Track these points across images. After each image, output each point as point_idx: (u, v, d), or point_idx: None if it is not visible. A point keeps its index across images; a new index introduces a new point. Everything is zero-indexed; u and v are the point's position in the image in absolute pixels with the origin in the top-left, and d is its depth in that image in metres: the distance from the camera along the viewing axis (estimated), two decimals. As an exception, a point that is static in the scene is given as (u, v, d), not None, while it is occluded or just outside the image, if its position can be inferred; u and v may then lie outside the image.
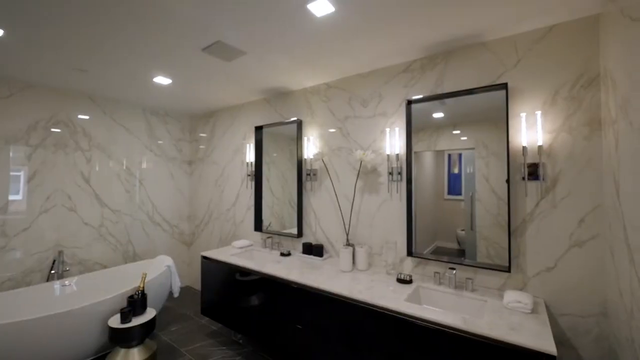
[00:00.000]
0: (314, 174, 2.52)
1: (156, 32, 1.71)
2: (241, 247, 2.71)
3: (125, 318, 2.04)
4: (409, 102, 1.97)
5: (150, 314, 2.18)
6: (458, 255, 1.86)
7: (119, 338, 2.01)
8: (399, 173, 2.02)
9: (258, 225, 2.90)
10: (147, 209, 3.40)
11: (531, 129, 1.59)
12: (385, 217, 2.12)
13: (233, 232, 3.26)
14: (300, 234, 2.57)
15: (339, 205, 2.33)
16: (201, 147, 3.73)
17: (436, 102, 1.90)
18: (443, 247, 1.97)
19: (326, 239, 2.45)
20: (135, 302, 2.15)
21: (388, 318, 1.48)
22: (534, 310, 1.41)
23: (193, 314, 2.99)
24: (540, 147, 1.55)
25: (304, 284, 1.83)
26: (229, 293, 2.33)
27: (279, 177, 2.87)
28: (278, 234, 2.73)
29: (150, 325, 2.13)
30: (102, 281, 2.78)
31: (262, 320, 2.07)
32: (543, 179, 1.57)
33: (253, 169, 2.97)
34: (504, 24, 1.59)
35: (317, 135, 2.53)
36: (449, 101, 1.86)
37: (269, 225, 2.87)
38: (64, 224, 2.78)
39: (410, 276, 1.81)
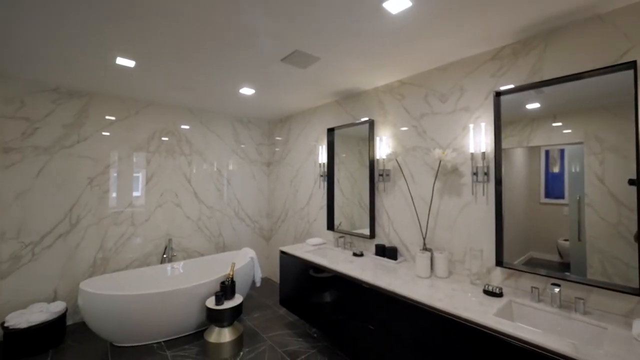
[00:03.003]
0: (387, 175, 2.46)
1: (244, 49, 1.92)
2: (315, 245, 2.83)
3: (219, 300, 2.35)
4: (498, 94, 1.77)
5: (238, 299, 2.46)
6: (559, 269, 1.58)
7: (214, 317, 2.32)
8: (485, 173, 1.83)
9: (330, 225, 2.98)
10: (233, 205, 3.84)
11: (674, 117, 1.25)
12: (468, 221, 1.94)
13: (307, 230, 3.42)
14: (372, 235, 2.54)
15: (415, 207, 2.23)
16: (277, 149, 4.02)
17: (531, 92, 1.66)
18: (538, 258, 1.70)
19: (400, 241, 2.37)
20: (226, 288, 2.44)
21: (472, 332, 1.36)
22: (679, 348, 1.11)
23: (272, 303, 3.25)
24: (689, 139, 1.21)
25: (378, 286, 1.81)
26: (304, 287, 2.46)
27: (348, 177, 2.90)
28: (350, 234, 2.76)
29: (238, 309, 2.40)
30: (200, 267, 3.25)
31: (335, 316, 2.12)
32: (694, 181, 1.22)
33: (325, 169, 3.07)
34: (631, -11, 1.29)
35: (390, 135, 2.47)
36: (548, 89, 1.60)
37: (340, 224, 2.93)
38: (172, 217, 3.34)
39: (500, 289, 1.62)
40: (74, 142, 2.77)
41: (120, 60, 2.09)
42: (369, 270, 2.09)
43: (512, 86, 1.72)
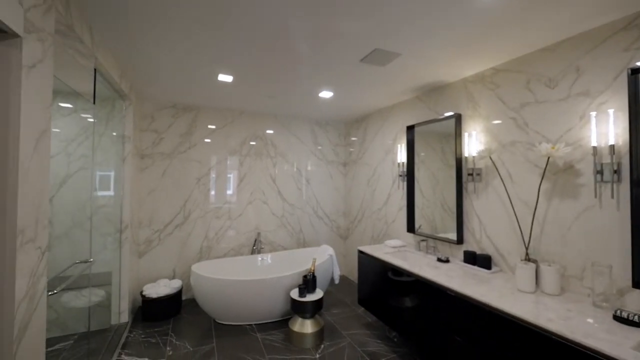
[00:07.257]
0: (478, 174, 2.22)
1: (324, 55, 1.99)
2: (394, 247, 2.75)
3: (301, 293, 2.50)
4: (634, 71, 1.40)
5: (319, 293, 2.57)
6: None
7: (298, 308, 2.48)
8: (615, 171, 1.48)
9: (410, 227, 2.85)
10: (312, 204, 4.03)
11: None
12: (588, 229, 1.60)
13: (385, 231, 3.35)
14: (460, 240, 2.33)
15: (514, 212, 1.94)
16: (351, 150, 4.05)
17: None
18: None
19: (495, 249, 2.11)
20: (308, 282, 2.58)
21: (600, 365, 1.12)
22: None
23: (350, 302, 3.29)
24: None
25: (469, 296, 1.65)
26: (383, 289, 2.42)
27: (429, 177, 2.71)
28: (433, 238, 2.59)
29: (319, 303, 2.51)
30: (284, 260, 3.52)
31: (417, 323, 2.02)
32: None
33: (404, 169, 2.95)
34: None
35: (481, 130, 2.22)
36: None
37: (419, 227, 2.77)
38: (260, 213, 3.70)
39: (640, 316, 1.29)
40: (186, 148, 3.34)
41: (221, 77, 2.42)
42: (457, 278, 1.92)
43: (658, 60, 1.35)
